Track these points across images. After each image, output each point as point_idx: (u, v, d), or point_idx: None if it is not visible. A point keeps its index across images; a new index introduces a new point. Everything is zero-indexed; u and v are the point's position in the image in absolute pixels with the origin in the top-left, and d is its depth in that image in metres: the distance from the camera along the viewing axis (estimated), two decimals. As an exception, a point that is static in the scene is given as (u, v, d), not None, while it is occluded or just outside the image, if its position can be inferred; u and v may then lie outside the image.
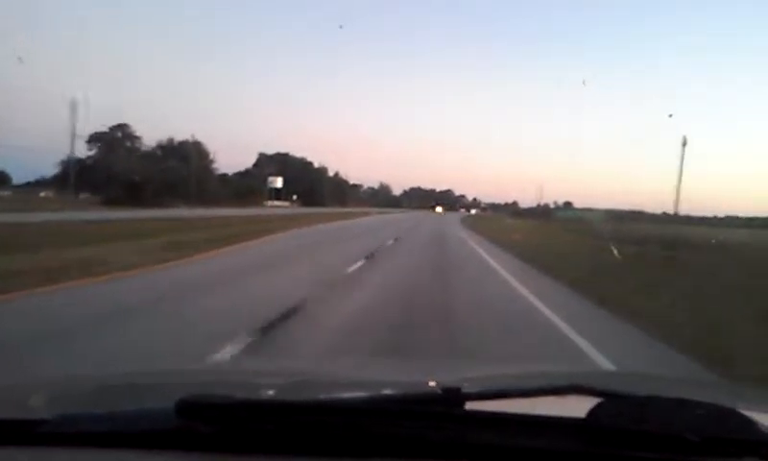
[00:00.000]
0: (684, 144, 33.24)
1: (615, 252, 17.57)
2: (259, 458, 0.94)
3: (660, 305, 8.77)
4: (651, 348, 6.32)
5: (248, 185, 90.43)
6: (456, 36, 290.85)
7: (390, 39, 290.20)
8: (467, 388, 1.08)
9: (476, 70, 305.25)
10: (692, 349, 5.94)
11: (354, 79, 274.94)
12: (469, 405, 1.02)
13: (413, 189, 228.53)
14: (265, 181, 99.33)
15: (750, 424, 0.92)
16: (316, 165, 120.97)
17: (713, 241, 29.02)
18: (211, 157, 76.69)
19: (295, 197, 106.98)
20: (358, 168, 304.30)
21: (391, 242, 21.57)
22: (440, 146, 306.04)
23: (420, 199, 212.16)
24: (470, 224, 49.50)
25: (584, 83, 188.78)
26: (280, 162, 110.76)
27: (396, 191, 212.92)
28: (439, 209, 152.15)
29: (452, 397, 1.02)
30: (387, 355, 5.13)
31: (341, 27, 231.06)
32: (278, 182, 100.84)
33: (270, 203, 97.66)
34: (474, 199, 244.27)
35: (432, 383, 1.49)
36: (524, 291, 10.21)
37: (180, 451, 0.96)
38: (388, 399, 1.26)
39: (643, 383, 1.92)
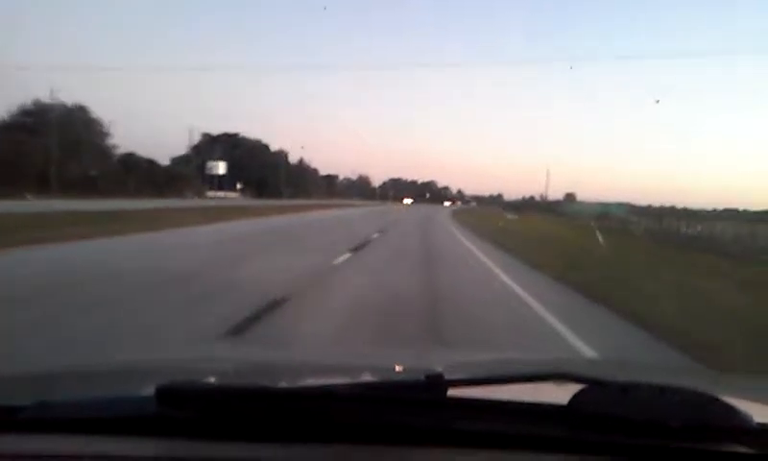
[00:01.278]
0: None
1: None
2: (240, 445, 0.94)
3: None
4: None
5: (166, 172, 68.82)
6: (440, 20, 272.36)
7: (369, 24, 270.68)
8: (449, 375, 1.08)
9: (461, 59, 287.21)
10: None
11: (336, 66, 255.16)
12: (452, 392, 1.00)
13: (392, 180, 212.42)
14: (204, 166, 79.76)
15: (730, 411, 0.92)
16: (273, 149, 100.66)
17: None
18: (105, 129, 55.84)
19: (240, 185, 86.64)
20: (338, 159, 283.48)
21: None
22: (423, 136, 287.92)
23: (400, 190, 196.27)
24: (471, 225, 31.27)
25: (570, 67, 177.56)
26: (229, 145, 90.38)
27: (376, 182, 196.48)
28: (407, 201, 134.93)
29: (435, 383, 1.00)
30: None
31: (324, 8, 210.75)
32: (220, 168, 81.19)
33: (213, 193, 78.88)
34: (459, 191, 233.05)
35: (415, 370, 1.53)
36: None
37: (160, 438, 0.96)
38: (370, 385, 1.22)
39: (626, 370, 1.94)
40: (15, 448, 0.94)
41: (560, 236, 26.20)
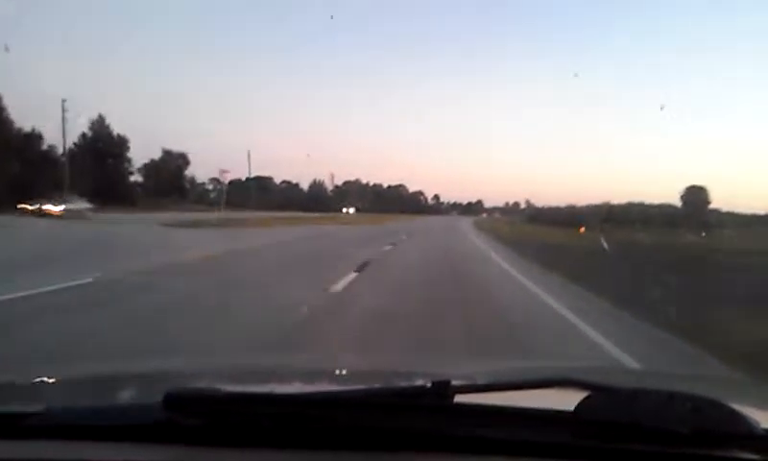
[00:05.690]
0: None
1: None
2: (246, 451, 0.95)
3: None
4: None
5: None
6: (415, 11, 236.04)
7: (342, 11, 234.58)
8: (456, 381, 1.07)
9: (437, 55, 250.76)
10: None
11: (299, 56, 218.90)
12: (459, 398, 1.00)
13: (347, 183, 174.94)
14: None
15: (739, 417, 0.93)
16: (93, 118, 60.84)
17: None
18: None
19: None
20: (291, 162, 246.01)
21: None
22: (394, 136, 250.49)
23: (357, 196, 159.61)
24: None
25: (575, 75, 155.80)
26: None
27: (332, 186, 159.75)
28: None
29: (441, 389, 0.99)
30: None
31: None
32: None
33: None
34: (436, 196, 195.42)
35: (421, 376, 1.51)
36: None
37: (167, 444, 0.96)
38: (376, 391, 1.21)
39: (633, 377, 2.00)
40: (21, 455, 0.95)
41: None
